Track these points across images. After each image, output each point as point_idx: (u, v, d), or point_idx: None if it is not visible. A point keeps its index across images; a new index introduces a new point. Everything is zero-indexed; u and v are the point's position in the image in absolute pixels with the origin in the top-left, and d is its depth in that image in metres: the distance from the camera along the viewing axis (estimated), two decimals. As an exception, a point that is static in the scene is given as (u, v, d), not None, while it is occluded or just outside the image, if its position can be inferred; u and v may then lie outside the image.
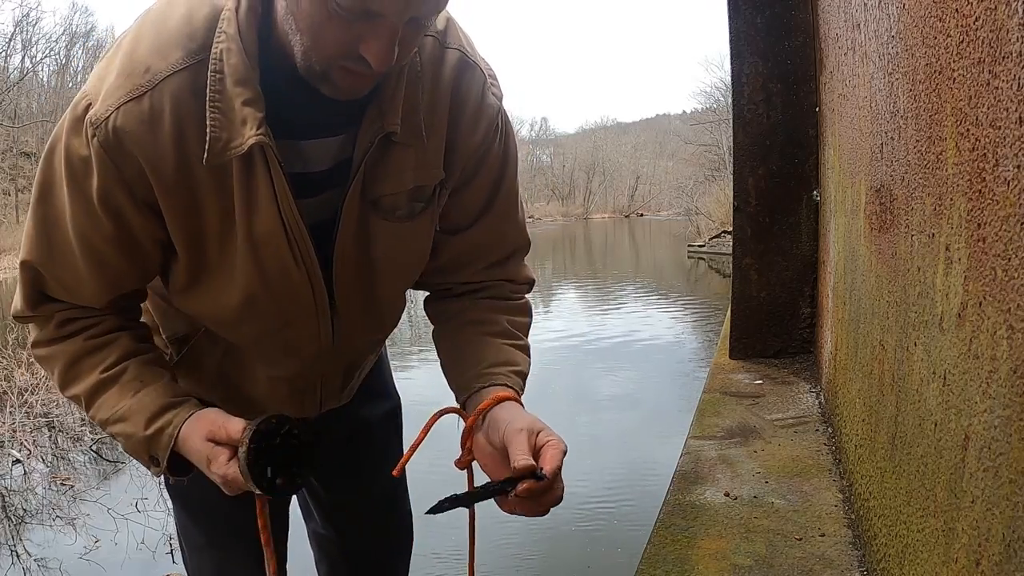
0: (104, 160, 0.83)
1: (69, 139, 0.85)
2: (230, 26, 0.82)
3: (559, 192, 72.90)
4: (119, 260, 0.92)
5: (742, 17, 3.40)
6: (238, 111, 0.82)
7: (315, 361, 1.09)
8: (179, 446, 0.95)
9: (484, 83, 1.01)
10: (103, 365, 0.96)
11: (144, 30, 0.85)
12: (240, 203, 0.87)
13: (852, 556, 1.63)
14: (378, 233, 0.98)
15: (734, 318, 3.60)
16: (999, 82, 0.77)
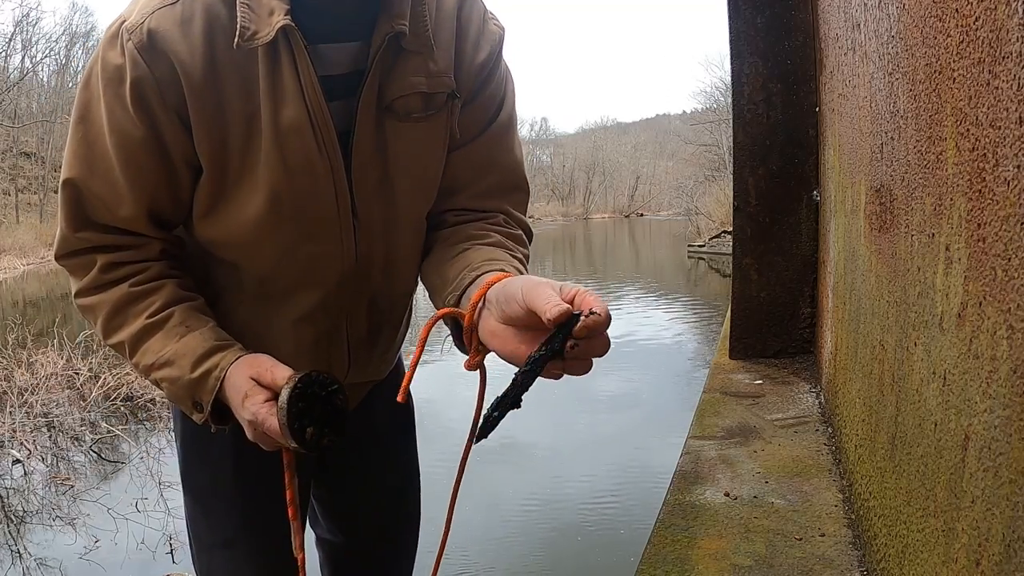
0: (138, 61, 0.88)
1: (105, 53, 0.90)
2: None
3: (559, 192, 72.89)
4: (154, 167, 0.94)
5: (742, 17, 3.40)
6: (265, 3, 0.87)
7: (339, 290, 1.07)
8: (223, 389, 0.95)
9: (484, 12, 1.08)
10: (149, 311, 0.97)
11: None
12: (266, 95, 0.90)
13: (852, 556, 1.63)
14: (394, 136, 0.99)
15: (734, 318, 3.60)
16: (999, 82, 0.77)
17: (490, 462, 4.60)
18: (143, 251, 1.00)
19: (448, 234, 1.08)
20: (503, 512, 3.76)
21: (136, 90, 0.89)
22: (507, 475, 4.33)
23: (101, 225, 0.98)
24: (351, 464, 1.34)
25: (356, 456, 1.34)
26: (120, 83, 0.90)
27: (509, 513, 3.74)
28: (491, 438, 0.94)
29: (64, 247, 1.00)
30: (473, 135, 1.08)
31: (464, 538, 3.49)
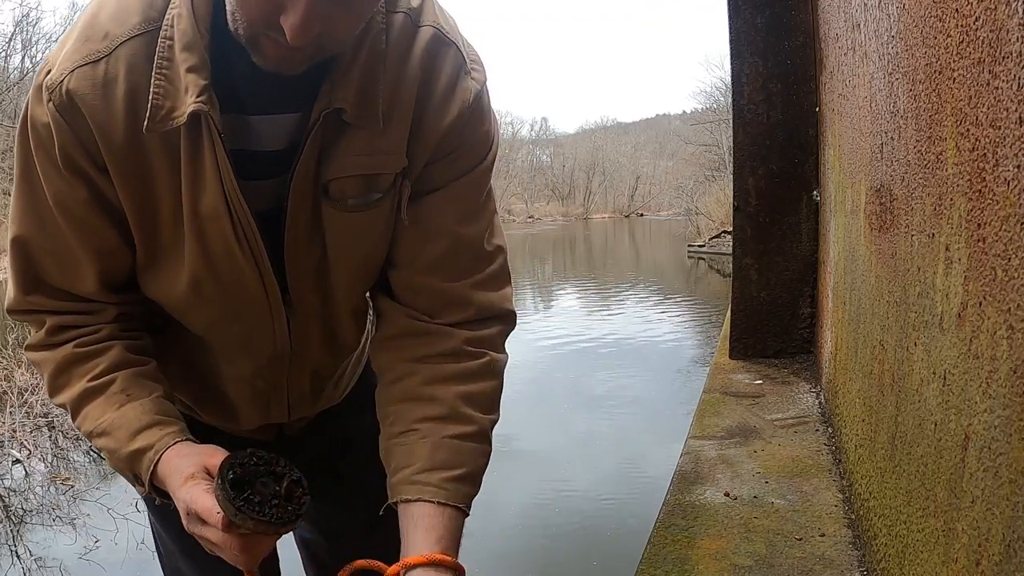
0: (60, 123, 0.82)
1: (33, 109, 0.84)
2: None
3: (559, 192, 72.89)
4: (102, 225, 0.88)
5: (742, 17, 3.40)
6: (183, 78, 0.79)
7: (274, 363, 1.02)
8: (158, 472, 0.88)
9: (461, 64, 0.92)
10: (91, 374, 0.92)
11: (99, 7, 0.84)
12: (186, 178, 0.83)
13: (852, 556, 1.63)
14: (330, 223, 0.90)
15: (734, 318, 3.60)
16: (999, 82, 0.77)
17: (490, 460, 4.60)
18: (95, 316, 0.95)
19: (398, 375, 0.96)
20: (501, 512, 3.76)
21: (64, 153, 0.83)
22: (506, 475, 4.34)
23: (51, 288, 0.92)
24: (324, 471, 1.29)
25: (327, 464, 1.27)
26: (50, 144, 0.84)
27: (508, 513, 3.74)
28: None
29: (12, 306, 0.95)
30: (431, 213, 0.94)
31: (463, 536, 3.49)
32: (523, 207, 69.38)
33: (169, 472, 0.86)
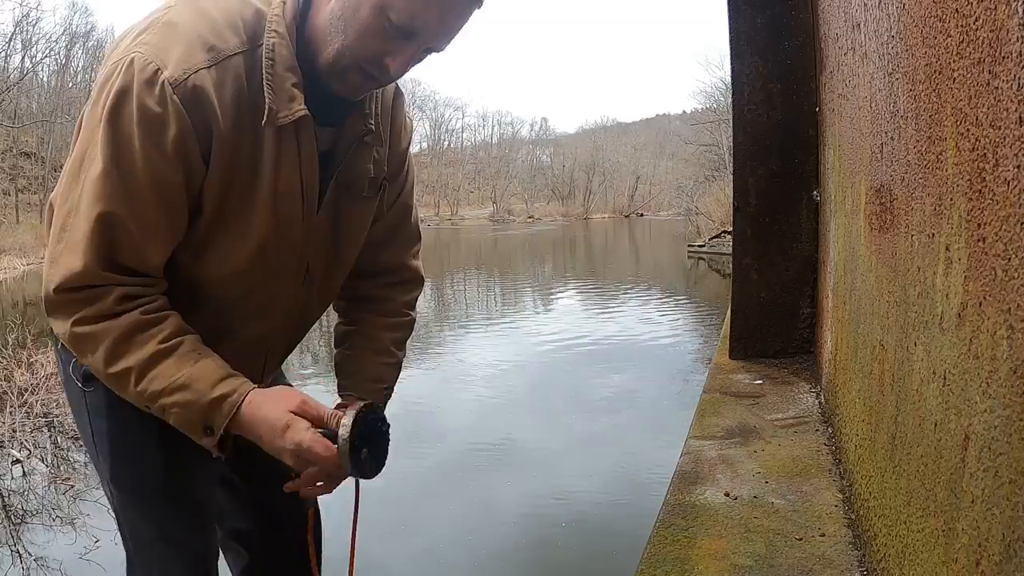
0: (182, 114, 0.97)
1: (142, 99, 0.96)
2: (280, 26, 1.03)
3: (559, 192, 72.86)
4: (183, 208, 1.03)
5: (742, 17, 3.40)
6: (287, 90, 1.02)
7: (279, 323, 1.24)
8: (239, 416, 1.03)
9: (407, 106, 1.32)
10: (160, 336, 1.02)
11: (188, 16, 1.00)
12: (270, 162, 1.05)
13: (852, 556, 1.63)
14: (346, 209, 1.20)
15: (734, 318, 3.60)
16: (999, 82, 0.77)
17: (487, 463, 4.60)
18: (155, 288, 1.06)
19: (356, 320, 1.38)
20: (500, 513, 3.76)
21: (180, 139, 0.98)
22: (504, 476, 4.34)
23: (123, 262, 1.01)
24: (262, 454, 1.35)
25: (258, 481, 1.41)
26: (160, 130, 0.97)
27: (507, 514, 3.74)
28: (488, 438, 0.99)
29: (79, 280, 0.99)
30: (388, 206, 1.33)
31: (462, 539, 3.49)
32: (523, 207, 69.37)
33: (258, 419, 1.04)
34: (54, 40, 38.90)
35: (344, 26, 1.00)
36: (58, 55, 39.51)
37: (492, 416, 5.63)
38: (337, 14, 1.01)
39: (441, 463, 4.59)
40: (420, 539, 3.38)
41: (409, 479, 4.20)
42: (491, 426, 5.31)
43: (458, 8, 1.01)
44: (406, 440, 5.09)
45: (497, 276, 19.12)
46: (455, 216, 64.36)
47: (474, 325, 10.36)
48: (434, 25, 1.00)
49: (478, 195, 74.09)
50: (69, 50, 40.18)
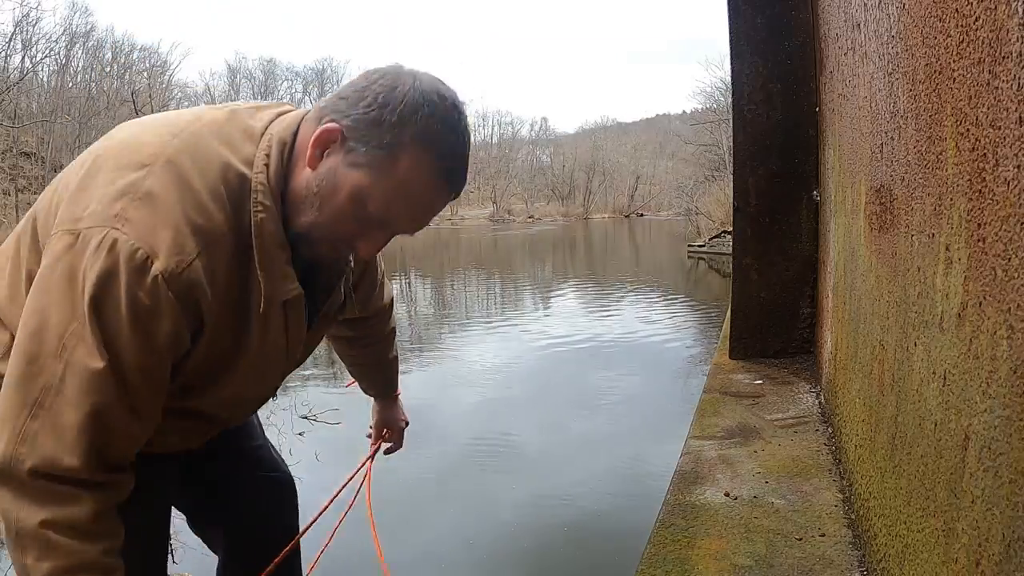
0: (175, 307, 0.94)
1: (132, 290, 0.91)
2: (266, 197, 0.99)
3: (559, 192, 72.85)
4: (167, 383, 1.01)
5: (742, 17, 3.40)
6: (279, 269, 1.01)
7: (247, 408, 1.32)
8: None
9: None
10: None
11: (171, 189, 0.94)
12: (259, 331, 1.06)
13: (852, 556, 1.63)
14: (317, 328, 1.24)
15: (734, 318, 3.60)
16: (999, 82, 0.77)
17: (487, 462, 4.60)
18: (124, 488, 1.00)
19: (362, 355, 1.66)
20: (500, 513, 3.76)
21: (173, 331, 0.95)
22: (504, 475, 4.34)
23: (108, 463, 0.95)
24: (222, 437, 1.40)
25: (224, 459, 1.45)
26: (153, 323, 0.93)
27: (506, 514, 3.74)
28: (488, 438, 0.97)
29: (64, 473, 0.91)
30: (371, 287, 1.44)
31: (461, 539, 3.50)
32: (523, 207, 69.36)
33: None
34: (54, 40, 38.88)
35: (320, 203, 0.98)
36: (58, 55, 39.49)
37: (492, 416, 5.62)
38: (313, 189, 0.98)
39: (441, 463, 4.58)
40: (419, 539, 3.38)
41: (408, 479, 4.20)
42: (491, 426, 5.31)
43: (437, 209, 1.03)
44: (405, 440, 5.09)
45: (497, 276, 19.12)
46: (455, 216, 64.36)
47: (474, 325, 10.36)
48: (408, 220, 1.01)
49: (478, 195, 74.12)
50: (69, 50, 40.15)
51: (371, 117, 0.95)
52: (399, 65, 1.02)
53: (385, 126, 0.95)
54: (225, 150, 0.99)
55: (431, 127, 0.96)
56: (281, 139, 1.01)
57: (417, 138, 0.95)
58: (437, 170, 0.98)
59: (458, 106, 1.00)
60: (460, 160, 1.00)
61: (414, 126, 0.95)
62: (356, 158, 0.96)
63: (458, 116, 0.99)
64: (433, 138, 0.96)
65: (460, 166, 1.01)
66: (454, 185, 1.01)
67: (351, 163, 0.96)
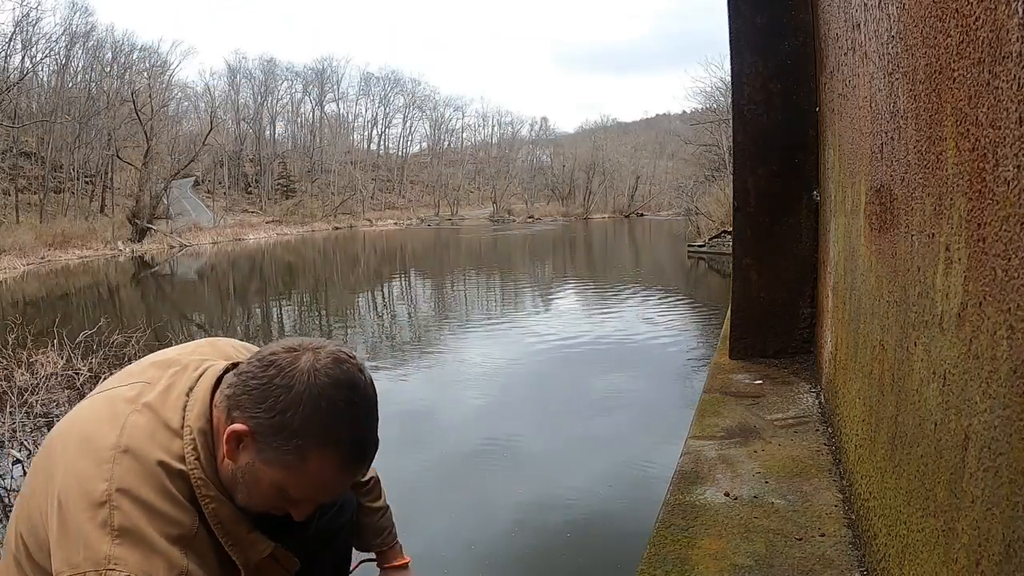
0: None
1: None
2: (208, 488, 1.07)
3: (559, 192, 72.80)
4: None
5: (742, 17, 3.40)
6: (246, 539, 1.11)
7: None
8: None
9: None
10: None
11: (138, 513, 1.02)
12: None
13: (852, 556, 1.63)
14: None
15: (734, 318, 3.60)
16: (999, 82, 0.77)
17: (487, 463, 4.60)
18: None
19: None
20: (500, 513, 3.76)
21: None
22: (504, 476, 4.34)
23: None
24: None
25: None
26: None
27: (506, 514, 3.75)
28: (487, 438, 0.97)
29: None
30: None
31: (460, 539, 3.49)
32: (523, 207, 69.34)
33: None
34: (54, 40, 38.86)
35: (247, 491, 1.08)
36: (58, 55, 39.47)
37: (491, 416, 5.62)
38: (239, 478, 1.08)
39: (440, 463, 4.59)
40: (418, 539, 3.38)
41: (408, 479, 4.20)
42: (490, 426, 5.31)
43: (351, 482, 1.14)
44: (405, 440, 5.08)
45: (497, 276, 19.12)
46: (455, 216, 64.36)
47: (474, 325, 10.36)
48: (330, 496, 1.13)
49: (478, 195, 74.10)
50: (69, 50, 40.12)
51: (275, 423, 1.03)
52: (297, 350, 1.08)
53: (287, 432, 1.03)
54: (160, 454, 1.06)
55: (331, 426, 1.04)
56: (200, 430, 1.09)
57: (320, 441, 1.04)
58: (343, 462, 1.07)
59: (357, 386, 1.07)
60: (364, 442, 1.09)
61: (315, 429, 1.03)
62: (269, 457, 1.05)
63: (357, 398, 1.07)
64: (334, 437, 1.05)
65: (368, 449, 1.10)
66: (362, 464, 1.11)
67: (265, 461, 1.05)
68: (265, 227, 43.80)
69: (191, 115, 49.93)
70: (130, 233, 32.71)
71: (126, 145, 38.62)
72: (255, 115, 56.84)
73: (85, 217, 35.33)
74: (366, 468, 1.13)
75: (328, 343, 1.11)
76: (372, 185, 63.67)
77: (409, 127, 73.62)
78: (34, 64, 37.28)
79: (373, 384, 1.12)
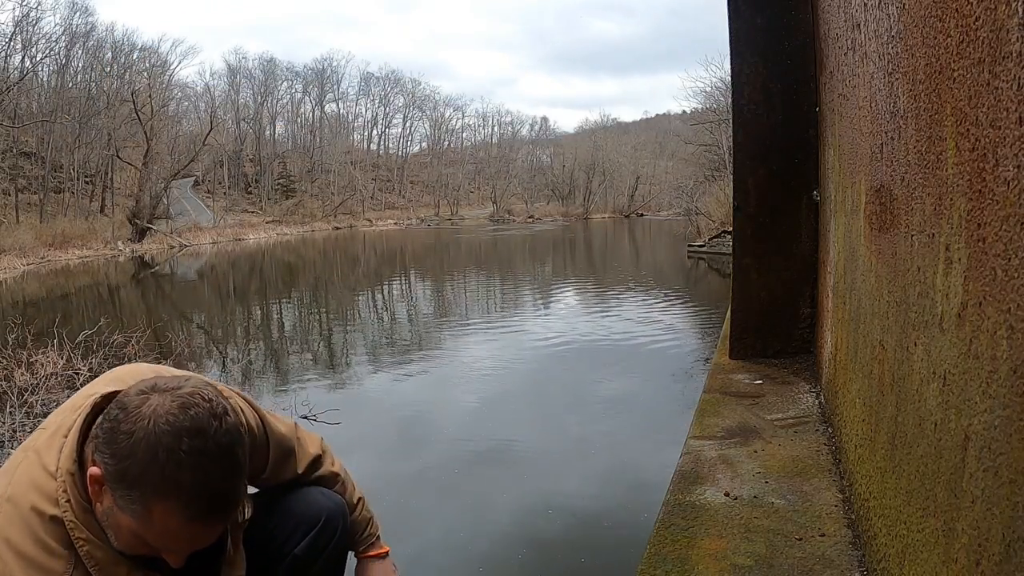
0: None
1: None
2: (81, 532, 1.06)
3: (559, 192, 72.80)
4: None
5: (742, 18, 3.40)
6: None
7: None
8: None
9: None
10: None
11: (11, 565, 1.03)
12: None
13: (852, 556, 1.63)
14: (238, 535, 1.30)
15: (734, 318, 3.60)
16: (999, 82, 0.77)
17: (486, 463, 4.60)
18: None
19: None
20: (499, 514, 3.76)
21: None
22: (503, 476, 4.34)
23: None
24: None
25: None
26: None
27: (506, 514, 3.74)
28: (487, 439, 0.95)
29: None
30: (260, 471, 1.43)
31: (459, 540, 3.49)
32: (523, 207, 69.33)
33: None
34: (54, 40, 38.84)
35: (115, 534, 1.06)
36: (58, 55, 39.44)
37: (491, 416, 5.62)
38: (105, 520, 1.06)
39: (439, 464, 4.59)
40: (417, 540, 3.38)
41: (407, 480, 4.20)
42: (490, 426, 5.31)
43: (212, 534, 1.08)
44: (404, 441, 5.09)
45: (497, 276, 19.12)
46: (455, 216, 64.36)
47: (473, 326, 10.36)
48: (189, 547, 1.07)
49: (478, 195, 74.10)
50: (69, 50, 40.09)
51: (119, 470, 1.01)
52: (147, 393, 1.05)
53: (128, 480, 1.00)
54: (35, 499, 1.06)
55: (168, 477, 0.99)
56: (68, 471, 1.08)
57: (158, 492, 1.00)
58: (187, 513, 1.02)
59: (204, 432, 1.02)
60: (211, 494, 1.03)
61: (152, 479, 0.99)
62: (120, 502, 1.03)
63: (203, 446, 1.02)
64: (172, 488, 1.00)
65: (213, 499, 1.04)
66: (215, 518, 1.06)
67: (118, 507, 1.03)
68: (265, 227, 43.78)
69: (191, 115, 49.89)
70: (130, 233, 32.70)
71: (126, 145, 38.60)
72: (255, 115, 56.80)
73: (85, 217, 35.33)
74: (220, 518, 1.07)
75: (190, 383, 1.08)
76: (372, 185, 63.64)
77: (409, 127, 73.56)
78: (34, 64, 37.27)
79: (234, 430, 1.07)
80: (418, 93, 73.77)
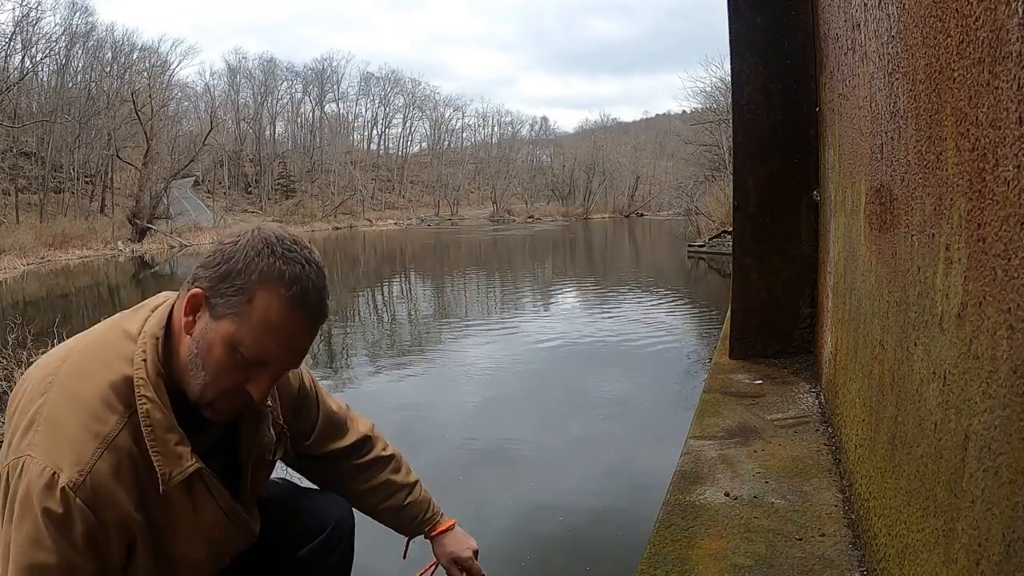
0: (87, 513, 1.03)
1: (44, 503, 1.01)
2: (147, 389, 1.09)
3: (559, 192, 72.83)
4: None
5: (742, 18, 3.40)
6: (172, 451, 1.10)
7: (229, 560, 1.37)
8: None
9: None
10: None
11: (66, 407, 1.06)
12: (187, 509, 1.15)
13: (852, 556, 1.63)
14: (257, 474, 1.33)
15: (734, 318, 3.60)
16: (999, 82, 0.77)
17: (486, 463, 4.60)
18: None
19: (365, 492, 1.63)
20: (499, 514, 3.76)
21: (88, 535, 1.03)
22: (503, 476, 4.33)
23: None
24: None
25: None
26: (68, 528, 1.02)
27: (505, 514, 3.75)
28: (487, 439, 0.95)
29: None
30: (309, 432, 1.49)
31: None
32: (523, 207, 69.35)
33: None
34: (54, 40, 38.83)
35: (202, 363, 1.09)
36: (58, 55, 39.43)
37: (491, 416, 5.62)
38: (194, 351, 1.10)
39: (439, 464, 4.58)
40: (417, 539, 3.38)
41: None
42: (490, 426, 5.31)
43: (305, 337, 1.12)
44: (404, 441, 5.08)
45: (497, 276, 19.12)
46: (455, 216, 64.35)
47: (473, 326, 10.36)
48: (284, 355, 1.11)
49: (478, 195, 74.13)
50: (69, 50, 40.08)
51: (222, 272, 1.08)
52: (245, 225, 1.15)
53: (233, 275, 1.07)
54: (110, 355, 1.11)
55: (273, 265, 1.07)
56: (153, 334, 1.13)
57: (262, 277, 1.07)
58: (288, 300, 1.07)
59: (298, 242, 1.12)
60: (309, 287, 1.09)
61: (257, 267, 1.07)
62: (219, 311, 1.08)
63: (299, 249, 1.10)
64: (276, 273, 1.07)
65: (311, 292, 1.10)
66: (311, 312, 1.11)
67: (216, 316, 1.08)
68: (265, 227, 43.70)
69: (191, 115, 49.93)
70: (130, 233, 32.70)
71: (126, 145, 38.60)
72: (255, 115, 56.82)
73: (85, 217, 35.33)
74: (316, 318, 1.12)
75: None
76: (372, 185, 63.64)
77: (409, 127, 73.59)
78: (34, 64, 37.28)
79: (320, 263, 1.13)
80: (418, 93, 73.84)
